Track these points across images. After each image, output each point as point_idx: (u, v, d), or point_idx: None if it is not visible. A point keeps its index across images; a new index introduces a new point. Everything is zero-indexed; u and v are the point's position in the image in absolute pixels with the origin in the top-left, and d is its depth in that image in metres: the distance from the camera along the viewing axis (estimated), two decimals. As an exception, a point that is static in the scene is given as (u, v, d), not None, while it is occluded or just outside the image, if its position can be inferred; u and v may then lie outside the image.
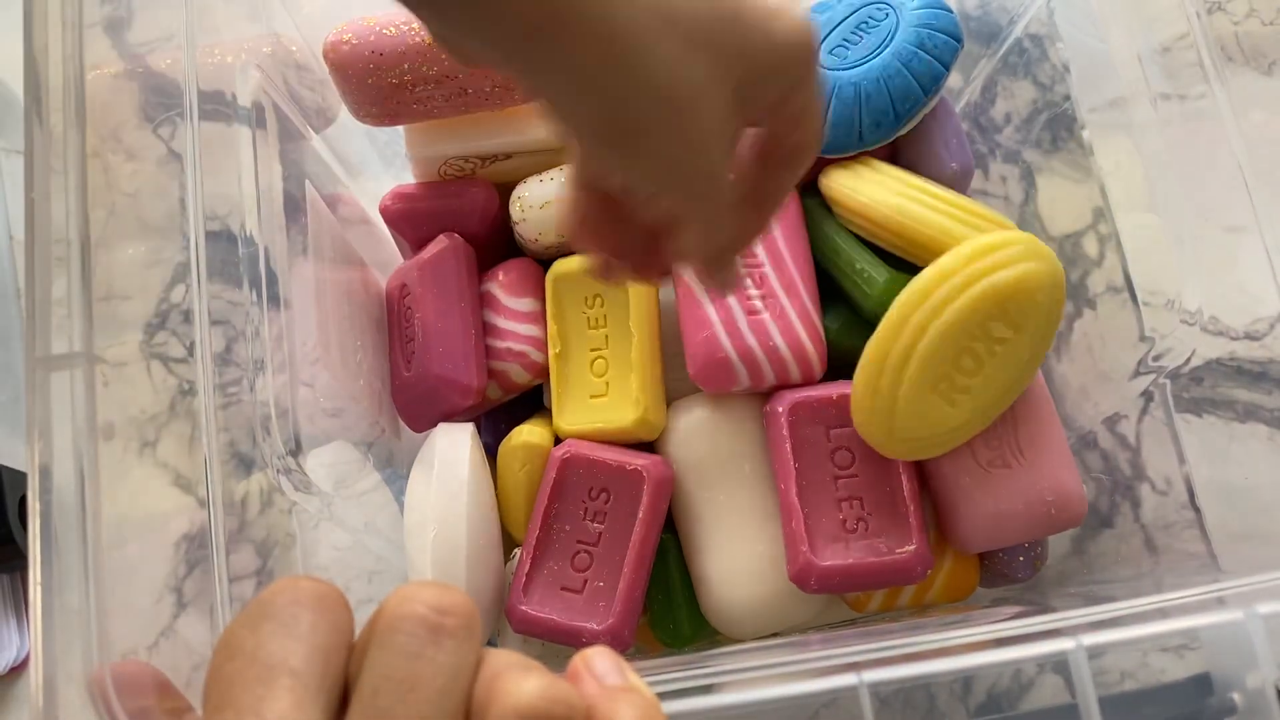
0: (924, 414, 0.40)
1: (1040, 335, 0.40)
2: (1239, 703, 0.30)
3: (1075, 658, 0.29)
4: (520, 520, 0.45)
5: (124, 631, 0.28)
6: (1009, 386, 0.41)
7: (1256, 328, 0.40)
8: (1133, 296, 0.47)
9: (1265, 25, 0.52)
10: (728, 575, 0.43)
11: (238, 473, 0.41)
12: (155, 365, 0.35)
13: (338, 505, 0.46)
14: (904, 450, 0.41)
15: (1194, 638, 0.30)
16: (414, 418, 0.49)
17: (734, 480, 0.44)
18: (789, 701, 0.29)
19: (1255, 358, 0.42)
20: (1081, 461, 0.47)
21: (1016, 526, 0.42)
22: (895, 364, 0.39)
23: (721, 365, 0.43)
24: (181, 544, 0.34)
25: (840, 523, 0.42)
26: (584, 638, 0.41)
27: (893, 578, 0.41)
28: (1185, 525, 0.44)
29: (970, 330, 0.39)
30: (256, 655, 0.18)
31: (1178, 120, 0.40)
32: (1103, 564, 0.47)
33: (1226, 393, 0.43)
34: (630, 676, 0.20)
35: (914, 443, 0.41)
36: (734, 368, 0.43)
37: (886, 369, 0.39)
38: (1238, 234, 0.37)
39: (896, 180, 0.44)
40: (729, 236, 0.29)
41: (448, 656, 0.18)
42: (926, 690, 0.47)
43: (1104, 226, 0.49)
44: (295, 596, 0.19)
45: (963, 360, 0.39)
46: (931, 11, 0.44)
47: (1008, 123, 0.53)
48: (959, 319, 0.38)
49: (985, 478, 0.42)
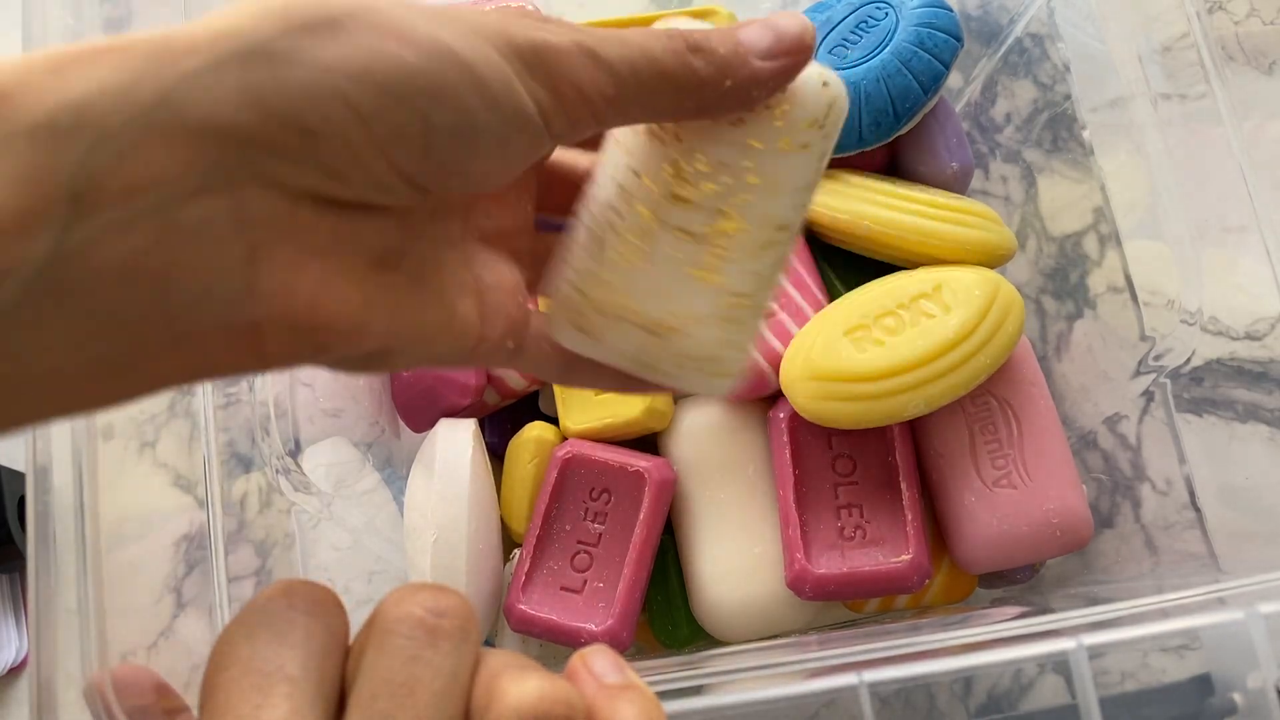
0: (834, 353, 0.41)
1: (970, 325, 0.40)
2: (1240, 703, 0.30)
3: (1076, 658, 0.28)
4: (524, 515, 0.45)
5: (123, 632, 0.28)
6: (924, 358, 0.40)
7: (1257, 328, 0.40)
8: (1133, 296, 0.47)
9: (1266, 25, 0.52)
10: (722, 575, 0.43)
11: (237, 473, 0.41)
12: (154, 365, 0.35)
13: (337, 505, 0.46)
14: (809, 393, 0.41)
15: (1194, 638, 0.30)
16: (413, 417, 0.49)
17: (736, 482, 0.44)
18: (788, 701, 0.29)
19: (1256, 358, 0.42)
20: (1082, 461, 0.47)
21: (1021, 548, 0.42)
22: (829, 313, 0.43)
23: (754, 372, 0.43)
24: (181, 544, 0.34)
25: (838, 530, 0.42)
26: (583, 638, 0.41)
27: (889, 586, 0.41)
28: (1186, 525, 0.44)
29: (899, 298, 0.42)
30: (252, 662, 0.18)
31: (1178, 120, 0.40)
32: (1103, 564, 0.47)
33: (1227, 393, 0.43)
34: (630, 675, 0.20)
35: (819, 383, 0.41)
36: (766, 374, 0.43)
37: (824, 316, 0.43)
38: (1238, 234, 0.37)
39: (866, 190, 0.45)
40: None
41: (445, 658, 0.18)
42: (927, 690, 0.47)
43: (1104, 226, 0.49)
44: (290, 601, 0.19)
45: (885, 319, 0.41)
46: (931, 10, 0.44)
47: (1008, 122, 0.53)
48: (893, 285, 0.42)
49: (990, 497, 0.42)
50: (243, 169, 0.18)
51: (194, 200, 0.17)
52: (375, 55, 0.18)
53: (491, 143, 0.20)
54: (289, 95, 0.18)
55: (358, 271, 0.20)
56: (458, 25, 0.20)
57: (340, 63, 0.18)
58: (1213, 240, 0.39)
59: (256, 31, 0.18)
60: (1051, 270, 0.51)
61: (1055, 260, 0.51)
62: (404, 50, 0.19)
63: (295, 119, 0.18)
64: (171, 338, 0.18)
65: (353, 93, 0.18)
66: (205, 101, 0.17)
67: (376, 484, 0.50)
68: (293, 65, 0.18)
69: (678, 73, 0.22)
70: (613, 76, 0.21)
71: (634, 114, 0.23)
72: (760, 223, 0.24)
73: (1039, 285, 0.51)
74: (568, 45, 0.21)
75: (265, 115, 0.18)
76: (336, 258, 0.19)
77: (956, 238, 0.43)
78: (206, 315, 0.18)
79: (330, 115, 0.18)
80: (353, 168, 0.19)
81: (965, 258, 0.43)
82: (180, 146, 0.17)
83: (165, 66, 0.17)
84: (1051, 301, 0.50)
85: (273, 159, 0.18)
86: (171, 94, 0.17)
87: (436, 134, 0.19)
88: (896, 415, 0.41)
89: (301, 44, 0.18)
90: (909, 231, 0.43)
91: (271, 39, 0.18)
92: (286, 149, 0.18)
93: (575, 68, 0.21)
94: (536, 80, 0.21)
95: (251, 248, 0.18)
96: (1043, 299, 0.51)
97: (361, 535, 0.48)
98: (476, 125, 0.20)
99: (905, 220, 0.43)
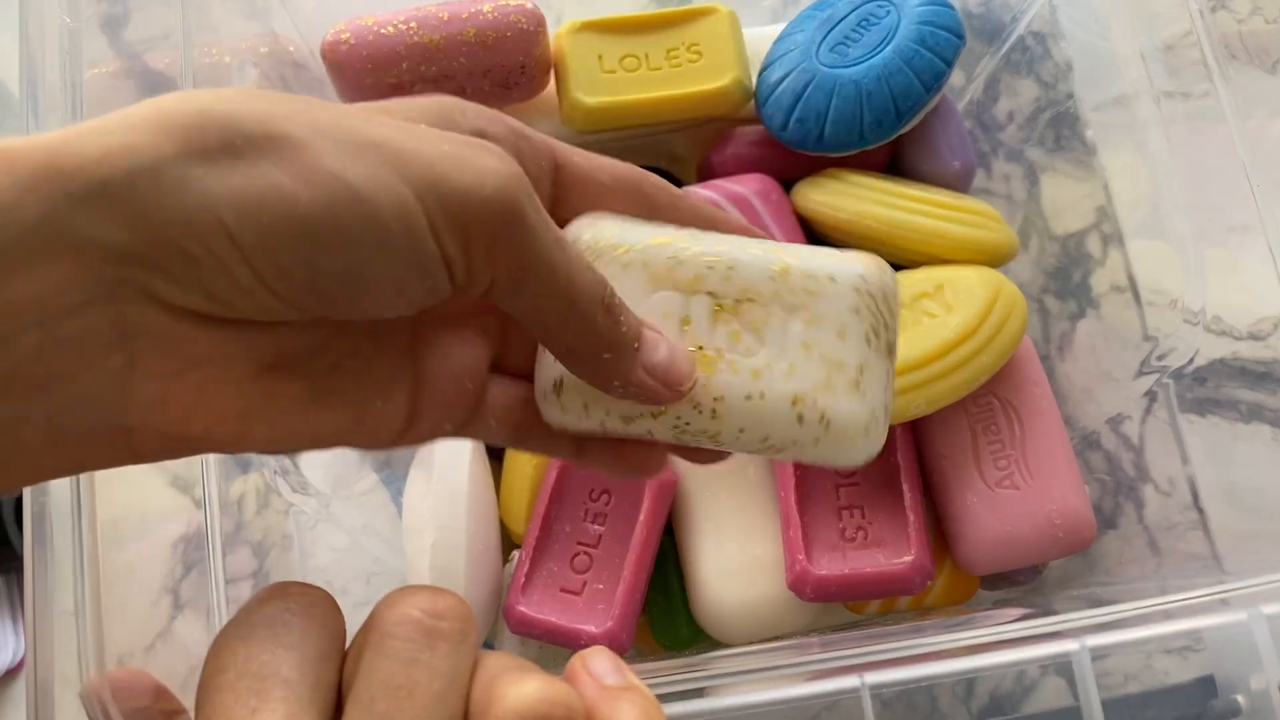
0: None
1: (972, 324, 0.40)
2: (1243, 704, 0.30)
3: (1078, 660, 0.28)
4: (523, 515, 0.45)
5: (120, 634, 0.28)
6: (926, 358, 0.40)
7: (1260, 327, 0.40)
8: (1136, 296, 0.47)
9: (1269, 23, 0.52)
10: (723, 577, 0.43)
11: (235, 473, 0.40)
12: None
13: (335, 506, 0.45)
14: None
15: (1198, 639, 0.30)
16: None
17: (737, 483, 0.44)
18: (790, 703, 0.29)
19: (1259, 358, 0.41)
20: (1085, 462, 0.47)
21: (1023, 549, 0.42)
22: None
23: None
24: (178, 545, 0.34)
25: (839, 531, 0.42)
26: (582, 640, 0.41)
27: (890, 588, 0.41)
28: (1189, 526, 0.44)
29: (901, 299, 0.41)
30: (248, 666, 0.18)
31: (1181, 119, 0.39)
32: (1106, 565, 0.47)
33: (1230, 393, 0.43)
34: (630, 676, 0.20)
35: None
36: None
37: None
38: (1241, 233, 0.37)
39: (868, 188, 0.44)
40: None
41: (443, 660, 0.18)
42: (928, 692, 0.47)
43: (1107, 225, 0.49)
44: (286, 603, 0.19)
45: None
46: (933, 8, 0.44)
47: (1010, 121, 0.52)
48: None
49: (993, 499, 0.42)
50: (126, 284, 0.18)
51: (77, 313, 0.17)
52: (266, 192, 0.18)
53: (385, 287, 0.20)
54: (173, 221, 0.17)
55: (240, 382, 0.20)
56: (377, 158, 0.19)
57: (228, 195, 0.18)
58: (1216, 240, 0.39)
59: (152, 150, 0.17)
60: (1054, 270, 0.50)
61: (1058, 260, 0.50)
62: (300, 190, 0.18)
63: (177, 244, 0.18)
64: (50, 439, 0.18)
65: (237, 227, 0.18)
66: (90, 222, 0.17)
67: (375, 485, 0.49)
68: (182, 192, 0.17)
69: (582, 309, 0.22)
70: (522, 272, 0.21)
71: (518, 305, 0.22)
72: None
73: (1041, 285, 0.51)
74: (499, 210, 0.20)
75: (149, 237, 0.17)
76: (217, 368, 0.19)
77: (958, 237, 0.43)
78: (83, 419, 0.18)
79: (212, 246, 0.18)
80: (235, 295, 0.18)
81: (967, 257, 0.43)
82: (64, 264, 0.17)
83: (52, 186, 0.17)
84: (1054, 301, 0.50)
85: (156, 277, 0.18)
86: (55, 214, 0.17)
87: (321, 276, 0.19)
88: (899, 415, 0.41)
89: (193, 172, 0.18)
90: (911, 231, 0.43)
91: (164, 161, 0.17)
92: (169, 270, 0.18)
93: (497, 243, 0.20)
94: (452, 235, 0.20)
95: (130, 357, 0.18)
96: (1045, 298, 0.50)
97: (360, 536, 0.48)
98: (367, 273, 0.19)
99: (907, 219, 0.43)
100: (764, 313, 0.24)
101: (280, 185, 0.18)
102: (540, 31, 0.45)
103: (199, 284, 0.18)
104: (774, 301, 0.24)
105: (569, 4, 0.55)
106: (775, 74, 0.46)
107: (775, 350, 0.24)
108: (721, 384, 0.24)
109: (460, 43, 0.44)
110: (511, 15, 0.45)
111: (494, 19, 0.44)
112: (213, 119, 0.18)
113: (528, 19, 0.45)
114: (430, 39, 0.44)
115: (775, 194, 0.46)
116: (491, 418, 0.25)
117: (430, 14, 0.44)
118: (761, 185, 0.46)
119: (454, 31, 0.44)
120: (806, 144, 0.45)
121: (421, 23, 0.44)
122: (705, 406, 0.24)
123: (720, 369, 0.24)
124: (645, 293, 0.24)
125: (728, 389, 0.24)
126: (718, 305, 0.24)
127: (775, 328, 0.24)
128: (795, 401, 0.24)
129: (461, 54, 0.44)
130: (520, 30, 0.45)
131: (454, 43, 0.44)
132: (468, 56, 0.45)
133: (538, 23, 0.45)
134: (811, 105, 0.44)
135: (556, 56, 0.47)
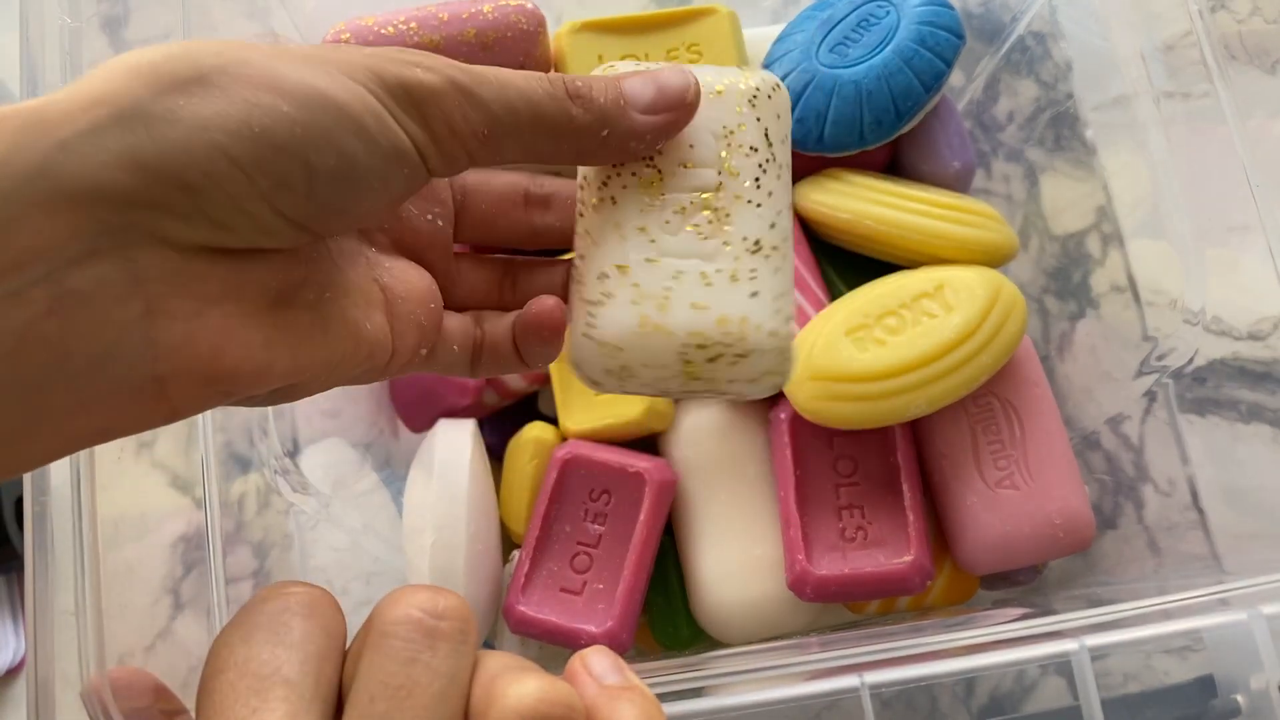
0: (836, 353, 0.41)
1: (972, 325, 0.40)
2: (1243, 704, 0.30)
3: (1078, 659, 0.28)
4: (523, 515, 0.45)
5: (120, 633, 0.28)
6: (926, 358, 0.40)
7: (1260, 327, 0.40)
8: (1136, 296, 0.47)
9: (1269, 24, 0.52)
10: (723, 577, 0.43)
11: (235, 473, 0.40)
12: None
13: (335, 506, 0.45)
14: (810, 393, 0.41)
15: (1197, 639, 0.30)
16: (412, 417, 0.49)
17: (737, 482, 0.44)
18: (790, 703, 0.29)
19: (1259, 358, 0.41)
20: (1084, 462, 0.47)
21: (1023, 549, 0.42)
22: (831, 312, 0.43)
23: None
24: (178, 545, 0.34)
25: (839, 531, 0.42)
26: (582, 640, 0.41)
27: (890, 588, 0.41)
28: (1189, 526, 0.44)
29: (901, 298, 0.41)
30: (248, 666, 0.18)
31: (1181, 119, 0.39)
32: (1105, 565, 0.47)
33: (1230, 393, 0.43)
34: (629, 676, 0.20)
35: (820, 383, 0.41)
36: None
37: (826, 316, 0.43)
38: (1241, 233, 0.37)
39: (868, 189, 0.44)
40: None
41: (443, 660, 0.18)
42: (928, 692, 0.47)
43: (1107, 226, 0.49)
44: (286, 603, 0.19)
45: (887, 319, 0.41)
46: (933, 8, 0.44)
47: (1010, 121, 0.52)
48: (895, 285, 0.42)
49: (993, 499, 0.42)
50: (130, 229, 0.18)
51: (84, 265, 0.17)
52: (251, 108, 0.19)
53: (373, 181, 0.21)
54: (169, 155, 0.18)
55: (257, 314, 0.20)
56: (327, 68, 0.20)
57: (217, 118, 0.18)
58: (1216, 240, 0.39)
59: (129, 93, 0.18)
60: (1054, 270, 0.50)
61: (1057, 260, 0.50)
62: (279, 100, 0.19)
63: (177, 177, 0.18)
64: (76, 402, 0.18)
65: (232, 147, 0.18)
66: (85, 168, 0.17)
67: (375, 485, 0.49)
68: (170, 124, 0.18)
69: (556, 118, 0.23)
70: (486, 116, 0.22)
71: (510, 153, 0.23)
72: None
73: (1041, 285, 0.51)
74: (440, 84, 0.21)
75: (147, 176, 0.18)
76: (234, 303, 0.20)
77: (958, 237, 0.43)
78: (109, 376, 0.18)
79: (212, 171, 0.18)
80: (238, 218, 0.19)
81: (967, 257, 0.43)
82: (64, 214, 0.17)
83: (41, 137, 0.17)
84: (1054, 301, 0.50)
85: (159, 216, 0.18)
86: (49, 163, 0.17)
87: (319, 178, 0.20)
88: (898, 415, 0.41)
89: (176, 103, 0.18)
90: (911, 231, 0.43)
91: (144, 100, 0.18)
92: (172, 206, 0.18)
93: (448, 106, 0.21)
94: (410, 118, 0.21)
95: (148, 304, 0.18)
96: (1045, 299, 0.50)
97: (360, 536, 0.48)
98: (357, 166, 0.20)
99: (907, 219, 0.43)
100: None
101: (260, 100, 0.19)
102: (540, 32, 0.45)
103: (204, 214, 0.18)
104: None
105: (569, 4, 0.55)
106: (775, 74, 0.46)
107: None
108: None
109: (460, 43, 0.44)
110: (511, 15, 0.45)
111: (494, 19, 0.44)
112: (175, 56, 0.19)
113: (528, 19, 0.45)
114: (430, 39, 0.44)
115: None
116: (454, 344, 0.26)
117: (430, 14, 0.44)
118: (761, 185, 0.45)
119: (454, 32, 0.44)
120: (806, 144, 0.45)
121: (421, 23, 0.44)
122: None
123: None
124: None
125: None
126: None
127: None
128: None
129: (461, 54, 0.44)
130: (520, 30, 0.45)
131: (454, 43, 0.44)
132: (468, 57, 0.44)
133: (538, 23, 0.45)
134: (811, 105, 0.44)
135: (556, 57, 0.47)
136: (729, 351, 0.25)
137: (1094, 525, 0.42)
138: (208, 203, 0.18)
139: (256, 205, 0.19)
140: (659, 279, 0.25)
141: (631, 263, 0.25)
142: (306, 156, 0.19)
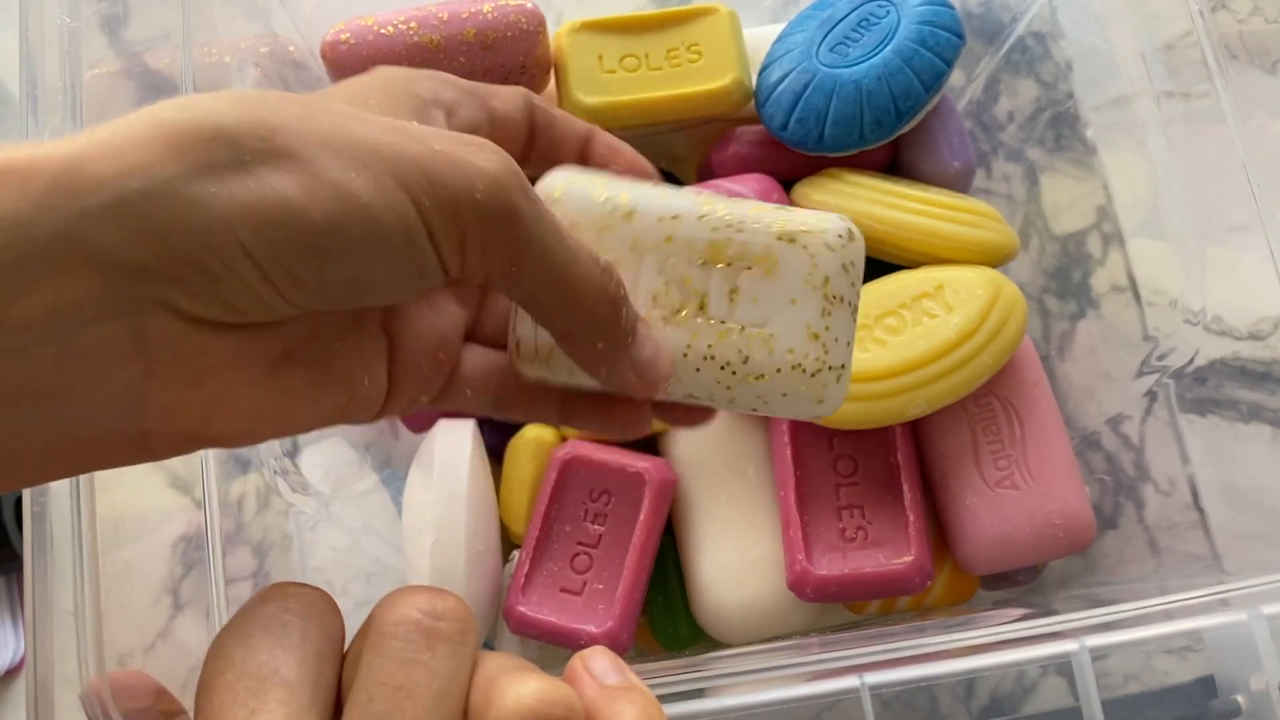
0: None
1: (972, 325, 0.40)
2: (1243, 705, 0.30)
3: (1078, 660, 0.28)
4: (523, 516, 0.45)
5: (120, 634, 0.28)
6: (926, 358, 0.40)
7: (1260, 327, 0.40)
8: (1136, 296, 0.47)
9: (1269, 23, 0.52)
10: (723, 577, 0.43)
11: (234, 474, 0.40)
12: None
13: (335, 506, 0.45)
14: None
15: (1198, 639, 0.30)
16: (412, 417, 0.49)
17: (737, 483, 0.44)
18: (790, 704, 0.29)
19: (1259, 358, 0.41)
20: (1085, 462, 0.47)
21: (1024, 549, 0.42)
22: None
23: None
24: (178, 545, 0.34)
25: (839, 531, 0.42)
26: (582, 640, 0.41)
27: (890, 588, 0.41)
28: (1189, 526, 0.44)
29: (901, 298, 0.42)
30: (247, 666, 0.18)
31: (1181, 119, 0.39)
32: (1106, 565, 0.47)
33: (1230, 393, 0.43)
34: (630, 676, 0.20)
35: None
36: None
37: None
38: (1241, 233, 0.37)
39: (868, 189, 0.44)
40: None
41: (443, 661, 0.18)
42: (929, 693, 0.47)
43: (1107, 225, 0.49)
44: (285, 604, 0.19)
45: (887, 319, 0.41)
46: (933, 8, 0.44)
47: (1010, 121, 0.52)
48: (895, 285, 0.42)
49: (993, 498, 0.42)
50: (144, 297, 0.18)
51: (92, 325, 0.18)
52: (277, 207, 0.18)
53: (388, 291, 0.21)
54: (190, 238, 0.18)
55: (254, 380, 0.20)
56: (377, 166, 0.20)
57: (242, 212, 0.18)
58: (1216, 239, 0.39)
59: (162, 170, 0.18)
60: (1054, 270, 0.50)
61: (1058, 260, 0.50)
62: (309, 204, 0.19)
63: (197, 261, 0.18)
64: (59, 447, 0.18)
65: (251, 245, 0.18)
66: (107, 239, 0.17)
67: (375, 485, 0.49)
68: (194, 209, 0.18)
69: (582, 307, 0.22)
70: (517, 265, 0.21)
71: (521, 299, 0.22)
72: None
73: (1041, 285, 0.51)
74: (493, 211, 0.20)
75: (166, 253, 0.18)
76: (233, 372, 0.20)
77: (958, 237, 0.43)
78: (97, 427, 0.19)
79: (229, 262, 0.18)
80: (251, 304, 0.19)
81: (967, 257, 0.43)
82: (81, 279, 0.17)
83: (68, 201, 0.17)
84: (1054, 301, 0.50)
85: (173, 289, 0.18)
86: (72, 230, 0.17)
87: (332, 285, 0.20)
88: (898, 415, 0.41)
89: (206, 189, 0.18)
90: (911, 231, 0.43)
91: (176, 181, 0.18)
92: (187, 284, 0.18)
93: (490, 242, 0.21)
94: (448, 238, 0.20)
95: (149, 366, 0.18)
96: (1045, 298, 0.50)
97: (360, 536, 0.48)
98: (374, 279, 0.20)
99: (907, 219, 0.43)
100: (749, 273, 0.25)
101: (290, 199, 0.18)
102: (540, 31, 0.45)
103: (216, 297, 0.19)
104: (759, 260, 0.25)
105: (569, 4, 0.55)
106: (775, 74, 0.46)
107: (760, 310, 0.25)
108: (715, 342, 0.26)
109: (460, 43, 0.44)
110: (511, 15, 0.45)
111: (494, 19, 0.44)
112: (219, 134, 0.18)
113: (528, 19, 0.45)
114: (430, 39, 0.44)
115: (775, 194, 0.46)
116: (467, 387, 0.26)
117: (430, 14, 0.44)
118: (761, 185, 0.45)
119: (454, 31, 0.44)
120: (806, 144, 0.45)
121: (421, 23, 0.44)
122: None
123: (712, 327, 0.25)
124: (631, 254, 0.25)
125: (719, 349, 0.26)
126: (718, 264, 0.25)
127: (757, 286, 0.25)
128: (790, 352, 0.25)
129: (461, 54, 0.44)
130: (520, 30, 0.45)
131: (454, 43, 0.44)
132: (468, 56, 0.45)
133: (538, 23, 0.45)
134: (811, 105, 0.44)
135: (556, 56, 0.47)
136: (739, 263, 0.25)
137: (1094, 525, 0.42)
138: (223, 288, 0.18)
139: (270, 296, 0.19)
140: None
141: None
142: (322, 269, 0.19)
